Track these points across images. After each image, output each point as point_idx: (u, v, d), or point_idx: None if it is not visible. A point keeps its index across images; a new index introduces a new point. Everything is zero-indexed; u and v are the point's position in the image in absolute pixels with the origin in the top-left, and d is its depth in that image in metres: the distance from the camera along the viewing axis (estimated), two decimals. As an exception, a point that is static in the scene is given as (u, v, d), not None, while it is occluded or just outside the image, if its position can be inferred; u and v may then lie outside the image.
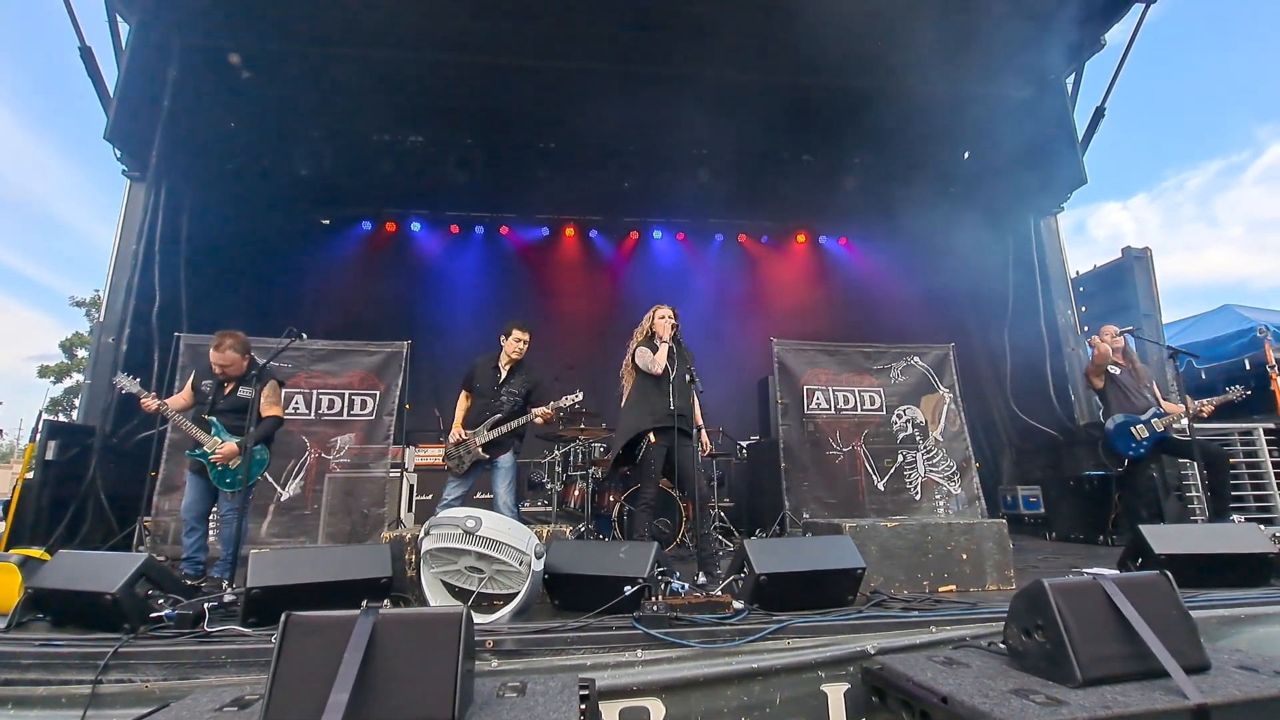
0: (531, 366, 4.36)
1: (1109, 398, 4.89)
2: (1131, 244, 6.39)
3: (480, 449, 4.06)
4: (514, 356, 4.24)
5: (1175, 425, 4.59)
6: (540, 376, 4.36)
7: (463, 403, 4.30)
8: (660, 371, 3.89)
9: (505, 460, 4.18)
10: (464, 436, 4.10)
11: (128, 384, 3.82)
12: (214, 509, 3.87)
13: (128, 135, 5.62)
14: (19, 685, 2.03)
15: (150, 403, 3.70)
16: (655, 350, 3.94)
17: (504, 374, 4.23)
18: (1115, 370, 4.85)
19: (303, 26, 5.84)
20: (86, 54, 5.36)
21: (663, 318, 4.03)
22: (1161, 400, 4.81)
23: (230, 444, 3.64)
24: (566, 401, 4.21)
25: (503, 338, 4.27)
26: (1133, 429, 4.68)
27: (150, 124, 5.67)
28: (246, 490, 3.51)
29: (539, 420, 4.16)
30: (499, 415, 4.11)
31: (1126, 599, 1.85)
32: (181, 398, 3.87)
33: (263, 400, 3.71)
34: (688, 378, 3.90)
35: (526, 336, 4.27)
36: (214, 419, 3.72)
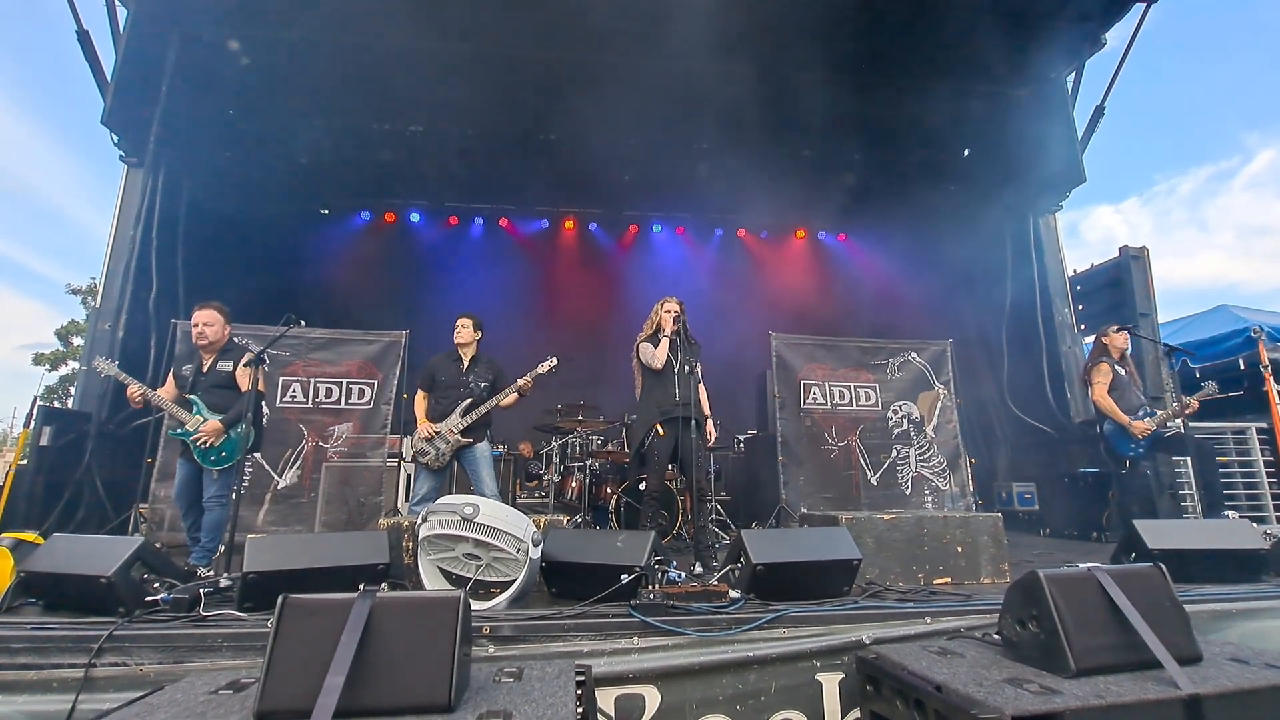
0: (491, 356, 4.43)
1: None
2: (1126, 245, 6.36)
3: (459, 435, 4.08)
4: (462, 342, 4.31)
5: (1164, 425, 4.56)
6: (501, 366, 4.41)
7: (421, 402, 4.31)
8: (660, 366, 3.97)
9: (484, 447, 4.22)
10: (437, 430, 4.10)
11: (106, 367, 3.72)
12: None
13: (125, 120, 5.58)
14: (8, 670, 2.01)
15: (135, 390, 3.59)
16: (657, 344, 4.01)
17: (466, 363, 4.30)
18: (1120, 371, 4.77)
19: (302, 13, 5.79)
20: (84, 38, 5.32)
21: (667, 311, 4.08)
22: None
23: (213, 422, 3.57)
24: (543, 368, 4.23)
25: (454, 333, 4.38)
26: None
27: (148, 109, 5.63)
28: (231, 474, 3.45)
29: (520, 391, 4.18)
30: (470, 400, 4.14)
31: (1121, 590, 1.86)
32: (167, 390, 3.76)
33: (238, 374, 3.71)
34: (687, 369, 3.92)
35: (467, 320, 4.35)
36: (194, 398, 3.65)
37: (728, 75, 6.47)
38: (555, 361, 4.28)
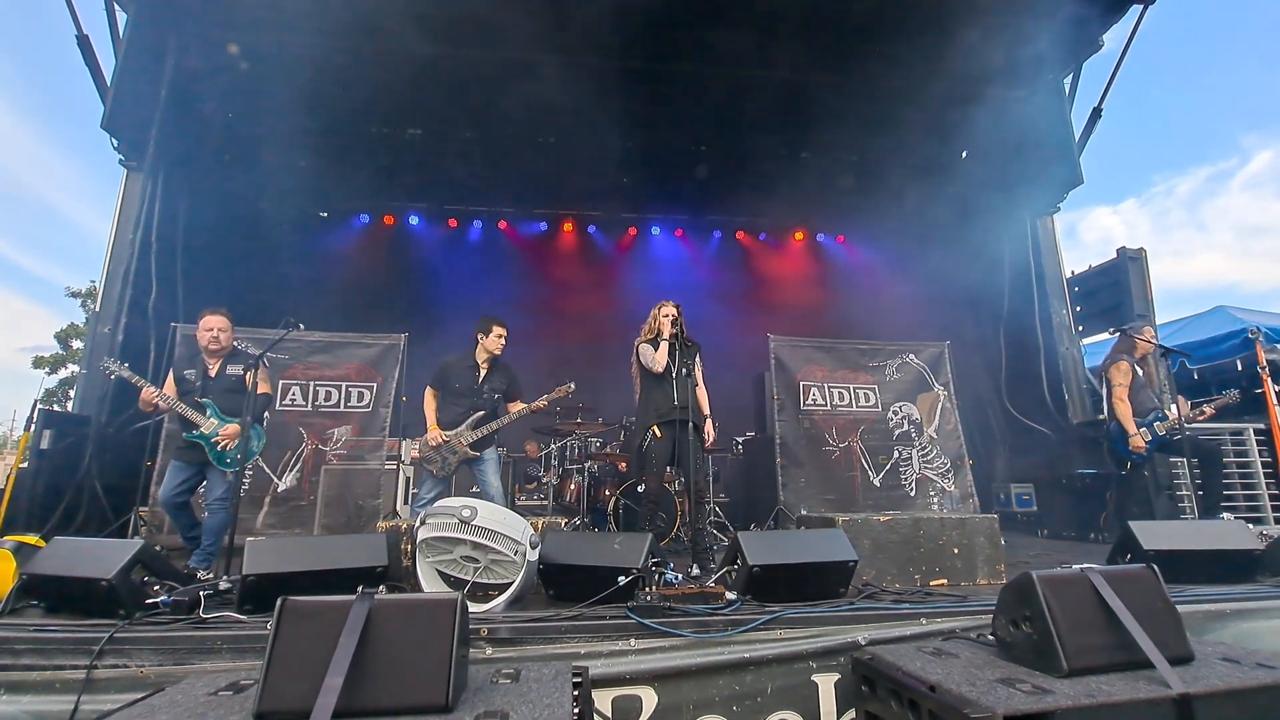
0: (507, 363, 4.34)
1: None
2: (1124, 247, 6.38)
3: (468, 448, 4.06)
4: (494, 352, 4.21)
5: (1174, 428, 4.51)
6: (515, 373, 4.35)
7: (431, 402, 4.22)
8: (660, 369, 3.98)
9: (490, 453, 4.22)
10: (446, 438, 4.05)
11: (116, 368, 3.73)
12: (197, 496, 3.82)
13: (125, 125, 5.59)
14: (13, 670, 2.04)
15: (151, 393, 3.61)
16: (656, 347, 4.02)
17: (484, 372, 4.20)
18: (1139, 370, 4.73)
19: (301, 18, 5.81)
20: (84, 42, 5.33)
21: (665, 315, 4.08)
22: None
23: (233, 425, 3.61)
24: (560, 392, 4.22)
25: (481, 335, 4.21)
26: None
27: (148, 114, 5.64)
28: (237, 478, 3.47)
29: (531, 411, 4.16)
30: (483, 413, 4.11)
31: (1113, 591, 1.87)
32: (168, 391, 3.76)
33: (249, 378, 3.69)
34: (685, 372, 3.93)
35: (506, 331, 4.26)
36: (206, 400, 3.68)
37: (725, 77, 6.50)
38: (572, 386, 4.27)
